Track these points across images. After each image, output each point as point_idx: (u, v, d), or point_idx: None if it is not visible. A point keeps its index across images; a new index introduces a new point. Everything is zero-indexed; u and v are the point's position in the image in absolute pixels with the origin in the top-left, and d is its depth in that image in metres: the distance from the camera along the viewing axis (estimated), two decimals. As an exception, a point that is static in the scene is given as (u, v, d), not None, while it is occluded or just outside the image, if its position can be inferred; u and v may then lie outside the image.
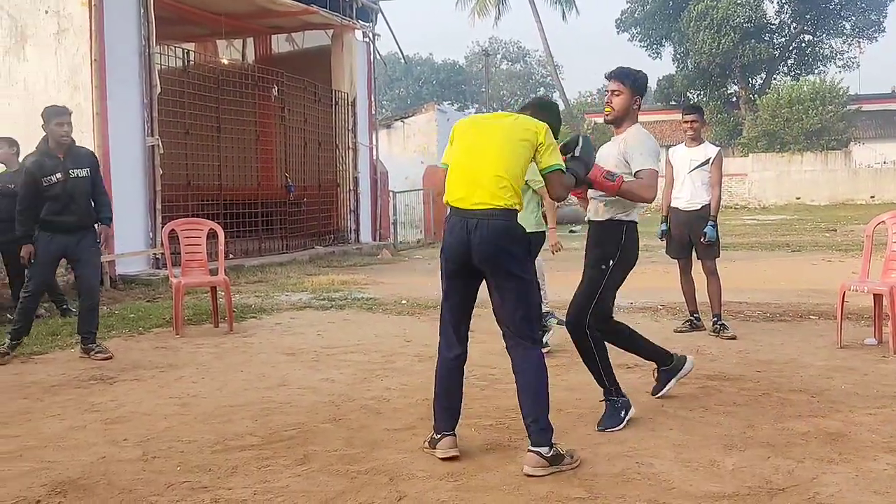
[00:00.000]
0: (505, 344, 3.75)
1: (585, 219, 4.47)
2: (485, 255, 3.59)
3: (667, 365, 4.72)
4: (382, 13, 17.83)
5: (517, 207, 3.68)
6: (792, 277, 10.75)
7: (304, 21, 15.96)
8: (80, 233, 6.23)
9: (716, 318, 6.75)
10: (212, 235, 7.89)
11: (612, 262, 4.26)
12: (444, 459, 3.66)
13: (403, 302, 8.90)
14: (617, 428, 4.14)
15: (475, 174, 3.65)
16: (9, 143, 8.12)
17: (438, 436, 3.76)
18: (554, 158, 3.71)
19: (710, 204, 6.77)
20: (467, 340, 3.84)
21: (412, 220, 20.78)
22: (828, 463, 3.61)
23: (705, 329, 6.85)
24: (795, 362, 5.66)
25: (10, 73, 10.64)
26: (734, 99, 42.38)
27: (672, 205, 6.96)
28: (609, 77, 4.35)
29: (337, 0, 15.75)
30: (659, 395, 4.70)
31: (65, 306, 8.13)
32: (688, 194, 6.83)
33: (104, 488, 3.41)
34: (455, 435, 3.77)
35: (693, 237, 6.81)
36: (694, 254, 6.93)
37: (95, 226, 6.43)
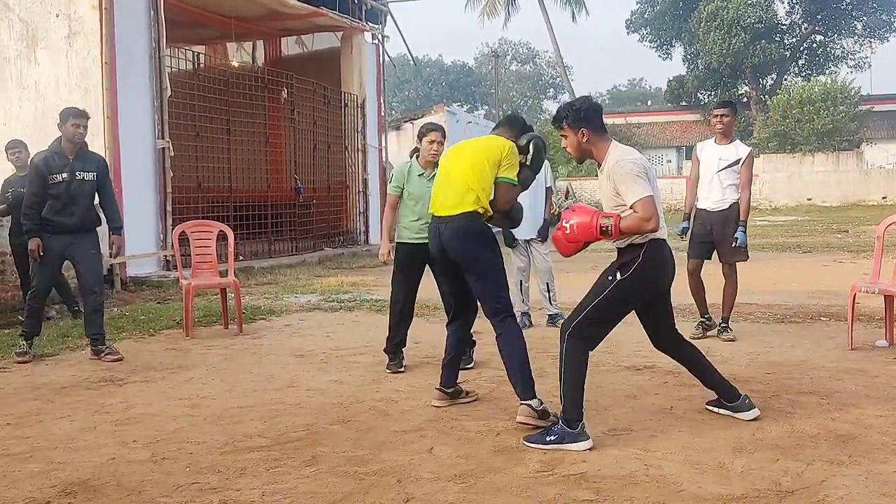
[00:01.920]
0: (491, 323, 4.48)
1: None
2: (453, 249, 4.44)
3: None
4: (392, 15, 17.87)
5: (480, 210, 4.41)
6: (803, 279, 10.71)
7: (314, 23, 16.01)
8: (79, 235, 6.25)
9: (723, 322, 6.69)
10: (222, 237, 7.92)
11: (619, 275, 4.00)
12: None
13: (412, 303, 8.89)
14: (532, 444, 3.90)
15: (448, 188, 4.48)
16: (23, 145, 8.18)
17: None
18: (508, 173, 4.42)
19: (738, 204, 6.56)
20: (464, 313, 4.78)
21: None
22: (837, 465, 3.59)
23: (716, 327, 6.79)
24: (806, 364, 5.63)
25: (22, 76, 10.71)
26: (745, 99, 42.18)
27: (699, 205, 6.74)
28: (553, 123, 4.26)
29: (346, 2, 15.79)
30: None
31: (76, 308, 8.17)
32: (716, 195, 6.60)
33: (114, 489, 3.43)
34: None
35: (717, 238, 6.63)
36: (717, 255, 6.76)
37: (97, 230, 6.47)
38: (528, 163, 4.53)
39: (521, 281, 7.41)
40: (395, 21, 18.06)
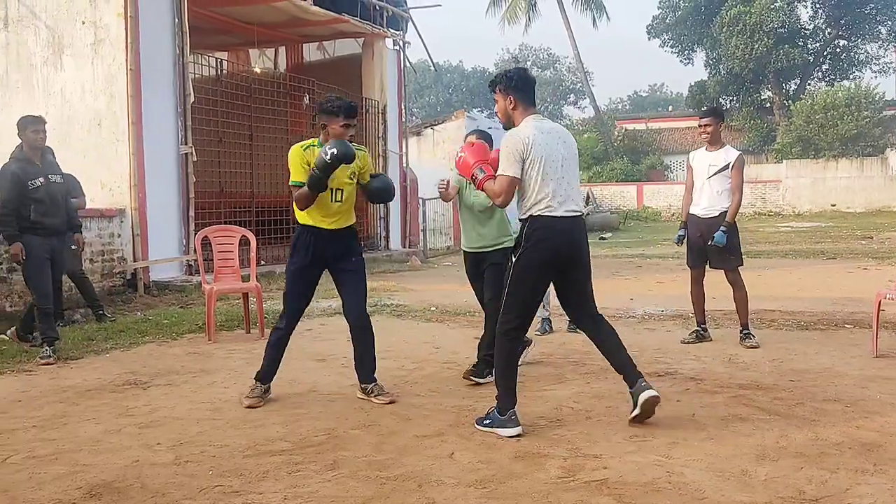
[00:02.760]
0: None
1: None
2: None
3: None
4: (413, 21, 17.92)
5: (353, 224, 5.05)
6: (827, 285, 10.61)
7: (336, 30, 16.08)
8: (63, 235, 6.63)
9: (743, 329, 6.63)
10: (244, 242, 7.97)
11: (513, 258, 4.29)
12: None
13: (433, 309, 8.92)
14: (477, 426, 4.28)
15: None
16: (50, 151, 8.28)
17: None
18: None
19: (724, 211, 6.57)
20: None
21: (441, 226, 20.81)
22: (862, 474, 3.55)
23: (711, 339, 6.76)
24: (830, 371, 5.58)
25: (48, 82, 10.85)
26: (768, 105, 41.91)
27: (691, 211, 6.79)
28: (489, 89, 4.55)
29: (368, 9, 15.86)
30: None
31: (101, 311, 8.27)
32: (706, 200, 6.64)
33: (138, 491, 3.46)
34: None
35: (708, 245, 6.64)
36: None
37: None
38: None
39: None
40: (416, 27, 18.11)
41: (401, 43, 17.60)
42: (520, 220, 4.34)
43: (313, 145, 4.88)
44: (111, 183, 10.42)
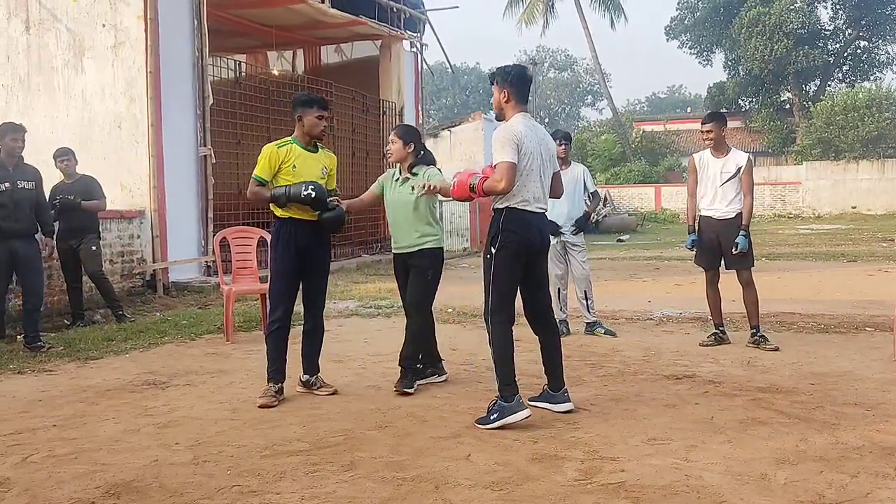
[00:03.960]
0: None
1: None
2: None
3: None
4: (430, 23, 17.94)
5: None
6: (847, 288, 10.51)
7: (353, 32, 16.13)
8: (25, 239, 6.81)
9: (755, 330, 6.60)
10: (262, 243, 7.99)
11: (493, 249, 4.46)
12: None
13: (449, 310, 8.91)
14: (482, 426, 4.33)
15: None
16: (71, 153, 8.38)
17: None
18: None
19: (740, 213, 6.55)
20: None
21: (458, 228, 20.81)
22: (883, 478, 3.52)
23: (730, 342, 6.72)
24: (850, 375, 5.53)
25: (69, 84, 10.96)
26: (787, 106, 41.59)
27: (704, 213, 6.73)
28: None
29: (385, 11, 15.90)
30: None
31: (120, 312, 8.33)
32: (720, 203, 6.61)
33: (157, 491, 3.49)
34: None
35: (724, 246, 6.61)
36: (723, 264, 6.74)
37: (37, 236, 7.02)
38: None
39: (559, 289, 7.38)
40: (434, 29, 18.14)
41: (418, 45, 17.63)
42: (494, 209, 4.54)
43: (288, 143, 5.12)
44: (131, 185, 10.51)
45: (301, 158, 5.11)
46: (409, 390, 5.15)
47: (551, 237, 7.25)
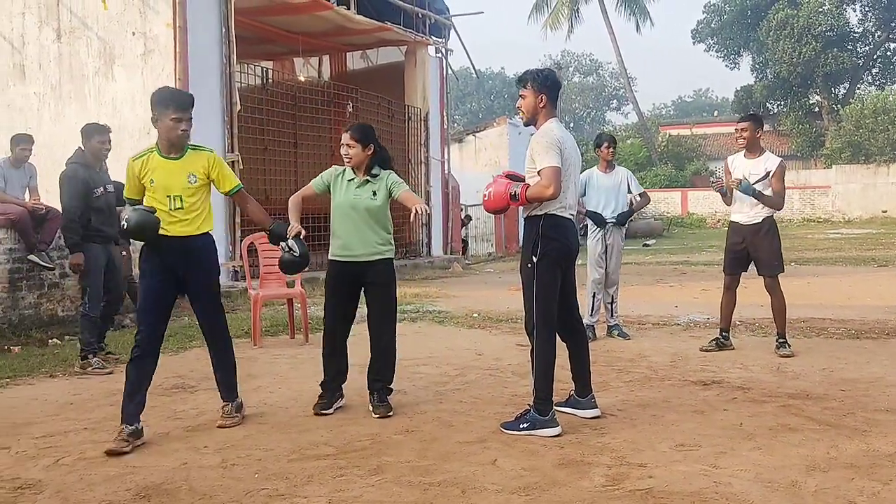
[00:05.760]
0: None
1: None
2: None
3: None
4: (455, 28, 17.99)
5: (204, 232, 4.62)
6: (878, 293, 10.36)
7: (379, 38, 16.21)
8: (113, 243, 6.66)
9: (779, 338, 6.49)
10: (288, 248, 8.04)
11: (534, 258, 4.36)
12: None
13: (475, 315, 8.92)
14: (508, 431, 4.32)
15: None
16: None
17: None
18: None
19: (770, 217, 6.44)
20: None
21: (483, 233, 20.82)
22: (917, 487, 3.46)
23: (734, 348, 6.65)
24: (882, 381, 5.45)
25: (100, 92, 11.11)
26: (816, 109, 41.13)
27: (732, 219, 6.67)
28: (516, 83, 4.62)
29: (411, 17, 15.97)
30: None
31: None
32: (747, 208, 6.49)
33: (186, 493, 3.52)
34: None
35: (752, 252, 6.53)
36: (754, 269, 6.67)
37: None
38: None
39: (594, 293, 7.37)
40: (459, 34, 18.18)
41: (443, 50, 17.68)
42: (529, 216, 4.46)
43: (147, 153, 4.50)
44: (160, 190, 10.60)
45: (160, 170, 4.43)
46: (390, 413, 4.76)
47: (598, 230, 7.33)
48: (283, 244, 4.88)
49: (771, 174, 6.41)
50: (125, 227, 4.30)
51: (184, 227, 4.45)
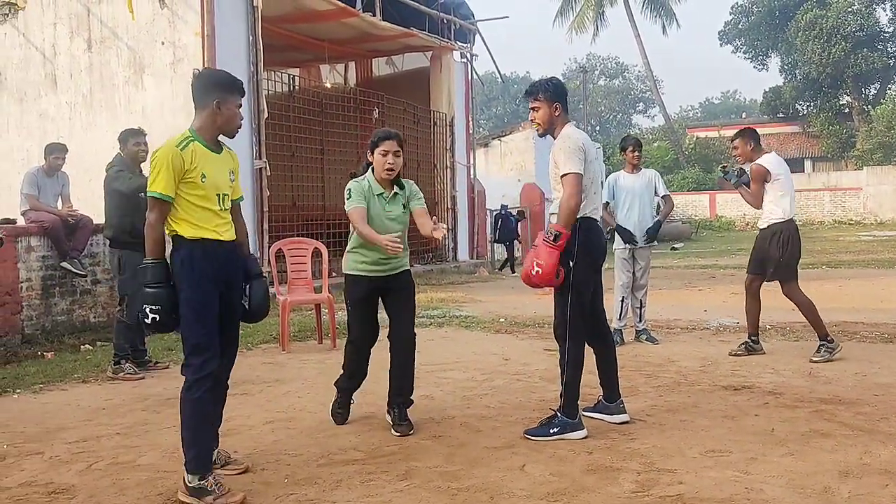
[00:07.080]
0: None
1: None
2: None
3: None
4: (480, 33, 18.01)
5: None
6: (912, 296, 10.19)
7: (404, 44, 16.28)
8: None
9: (822, 340, 6.38)
10: (316, 254, 8.10)
11: (570, 263, 4.30)
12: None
13: (501, 320, 8.90)
14: (536, 437, 4.30)
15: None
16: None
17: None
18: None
19: (776, 225, 6.43)
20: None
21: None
22: (954, 493, 3.40)
23: (764, 352, 6.56)
24: (917, 386, 5.36)
25: (130, 100, 11.27)
26: (846, 110, 40.62)
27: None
28: (525, 96, 4.62)
29: (436, 22, 16.02)
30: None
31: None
32: (763, 212, 6.62)
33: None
34: None
35: (764, 257, 6.51)
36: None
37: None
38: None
39: (622, 298, 7.33)
40: (484, 39, 18.19)
41: (468, 55, 17.71)
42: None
43: (189, 140, 3.69)
44: (189, 197, 10.72)
45: (209, 164, 3.71)
46: (411, 432, 4.50)
47: (627, 245, 7.30)
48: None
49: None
50: (154, 317, 3.71)
51: (230, 232, 3.84)
